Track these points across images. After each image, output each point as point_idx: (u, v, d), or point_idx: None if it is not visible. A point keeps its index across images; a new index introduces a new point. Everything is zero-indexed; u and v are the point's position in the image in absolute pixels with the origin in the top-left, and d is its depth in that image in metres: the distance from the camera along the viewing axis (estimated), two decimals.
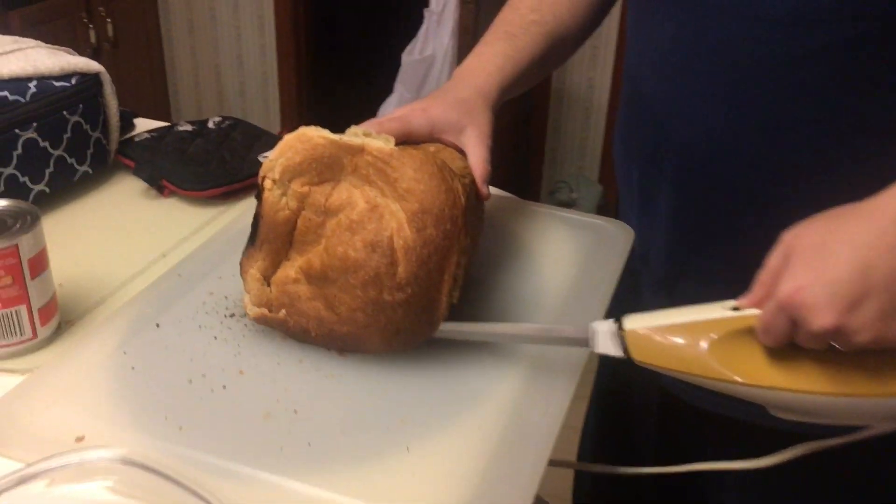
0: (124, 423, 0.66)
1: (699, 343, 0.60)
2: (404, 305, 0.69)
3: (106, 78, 1.00)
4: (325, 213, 0.71)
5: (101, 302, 0.82)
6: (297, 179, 0.71)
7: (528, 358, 0.75)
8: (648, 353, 0.63)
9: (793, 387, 0.59)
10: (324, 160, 0.71)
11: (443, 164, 0.71)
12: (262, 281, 0.74)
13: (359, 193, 0.70)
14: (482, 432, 0.67)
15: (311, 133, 0.72)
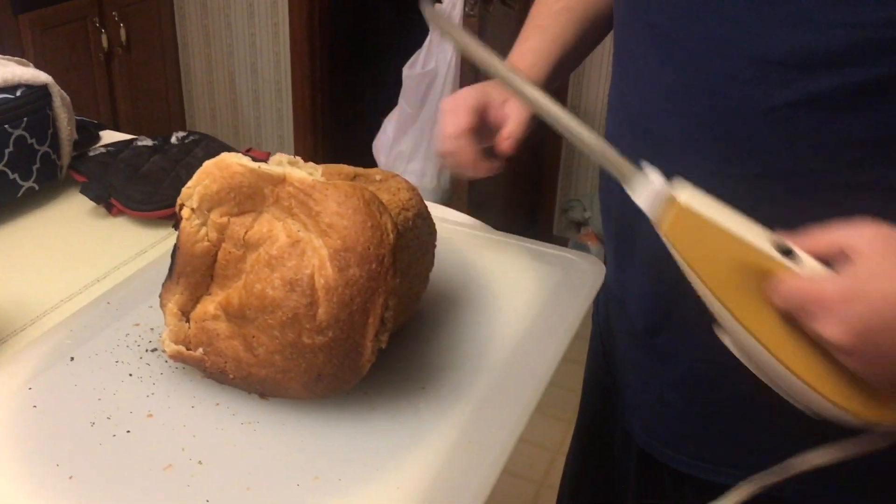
0: (12, 470, 0.61)
1: (728, 258, 0.58)
2: (325, 350, 0.63)
3: (55, 89, 0.96)
4: (246, 247, 0.66)
5: (21, 329, 0.78)
6: (216, 209, 0.66)
7: (465, 416, 0.69)
8: (679, 233, 0.60)
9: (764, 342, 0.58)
10: (243, 189, 0.65)
11: (371, 198, 0.65)
12: (179, 316, 0.69)
13: (280, 227, 0.65)
14: (402, 493, 0.61)
15: (231, 160, 0.66)
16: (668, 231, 0.60)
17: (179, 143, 1.07)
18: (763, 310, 0.57)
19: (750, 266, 0.57)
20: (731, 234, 0.58)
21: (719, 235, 0.58)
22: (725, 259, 0.58)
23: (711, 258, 0.59)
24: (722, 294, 0.59)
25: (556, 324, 0.81)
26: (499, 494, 0.64)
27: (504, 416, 0.69)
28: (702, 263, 0.59)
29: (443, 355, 0.75)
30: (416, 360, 0.75)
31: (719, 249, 0.58)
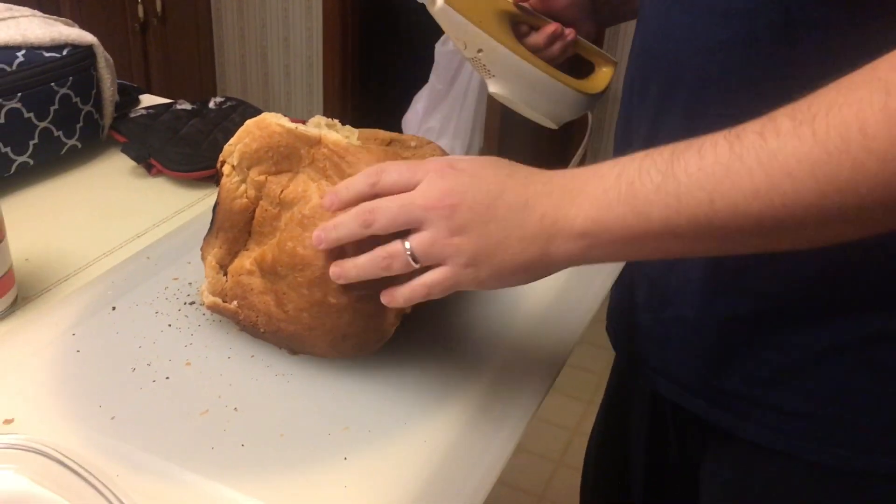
0: (57, 409, 0.64)
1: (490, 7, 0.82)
2: (349, 311, 0.65)
3: (100, 50, 0.98)
4: (281, 205, 0.68)
5: (65, 279, 0.80)
6: (255, 167, 0.68)
7: (492, 372, 0.71)
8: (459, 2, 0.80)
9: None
10: (280, 149, 0.67)
11: None
12: (217, 269, 0.71)
13: (315, 187, 0.66)
14: (428, 447, 0.63)
15: (270, 119, 0.68)
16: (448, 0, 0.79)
17: (217, 108, 1.10)
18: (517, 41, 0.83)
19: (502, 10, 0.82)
20: None
21: None
22: (487, 9, 0.81)
23: (480, 11, 0.80)
24: (499, 37, 0.81)
25: (579, 297, 0.82)
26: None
27: (527, 380, 0.71)
28: (478, 16, 0.80)
29: (469, 321, 0.77)
30: (445, 322, 0.76)
31: (482, 3, 0.80)
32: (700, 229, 0.51)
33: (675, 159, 0.51)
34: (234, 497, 0.57)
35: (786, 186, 0.47)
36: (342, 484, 0.59)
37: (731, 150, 0.49)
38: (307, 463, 0.61)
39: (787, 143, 0.47)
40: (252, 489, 0.58)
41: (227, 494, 0.57)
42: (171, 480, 0.58)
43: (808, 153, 0.46)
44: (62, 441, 0.59)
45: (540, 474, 1.97)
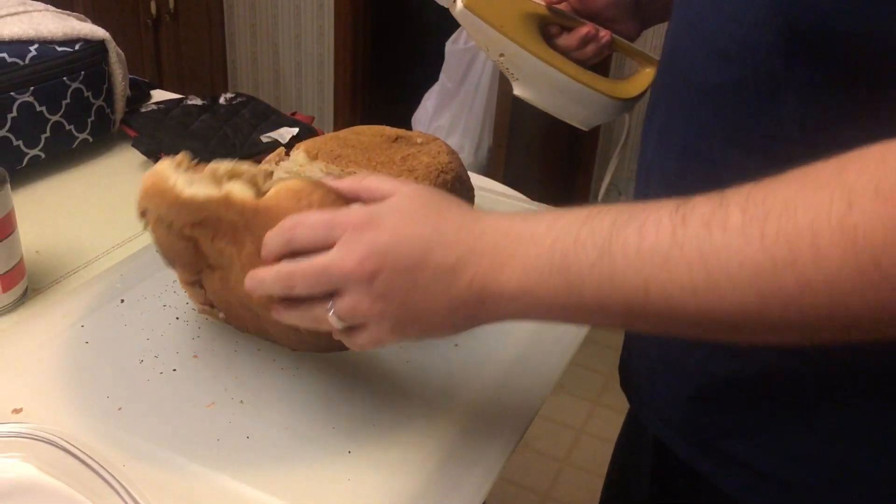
0: (65, 399, 0.64)
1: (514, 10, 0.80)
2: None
3: (112, 45, 0.99)
4: (218, 254, 0.63)
5: (74, 272, 0.81)
6: (174, 222, 0.62)
7: (497, 369, 0.71)
8: (480, 5, 0.79)
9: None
10: (189, 214, 0.61)
11: None
12: (192, 285, 0.69)
13: (234, 251, 0.61)
14: (432, 442, 0.63)
15: (169, 182, 0.60)
16: (468, 4, 0.78)
17: (227, 104, 1.10)
18: (545, 44, 0.82)
19: (527, 13, 0.80)
20: None
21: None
22: (511, 12, 0.80)
23: (503, 14, 0.79)
24: (521, 40, 0.80)
25: None
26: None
27: (532, 378, 0.71)
28: (500, 20, 0.79)
29: None
30: None
31: (505, 6, 0.79)
32: (634, 314, 0.47)
33: (615, 234, 0.47)
34: (238, 489, 0.58)
35: (725, 289, 0.43)
36: (346, 477, 0.60)
37: (673, 236, 0.45)
38: (311, 456, 0.61)
39: (732, 241, 0.43)
40: (256, 481, 0.58)
41: (232, 486, 0.58)
42: (177, 471, 0.59)
43: (753, 258, 0.42)
44: (69, 431, 0.60)
45: (545, 473, 1.97)
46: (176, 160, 0.61)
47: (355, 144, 0.77)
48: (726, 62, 0.56)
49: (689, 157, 0.62)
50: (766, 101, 0.54)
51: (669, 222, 0.45)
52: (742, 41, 0.54)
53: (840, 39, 0.48)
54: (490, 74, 2.15)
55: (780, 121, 0.54)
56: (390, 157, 0.74)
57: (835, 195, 0.40)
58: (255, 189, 0.57)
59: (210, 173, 0.58)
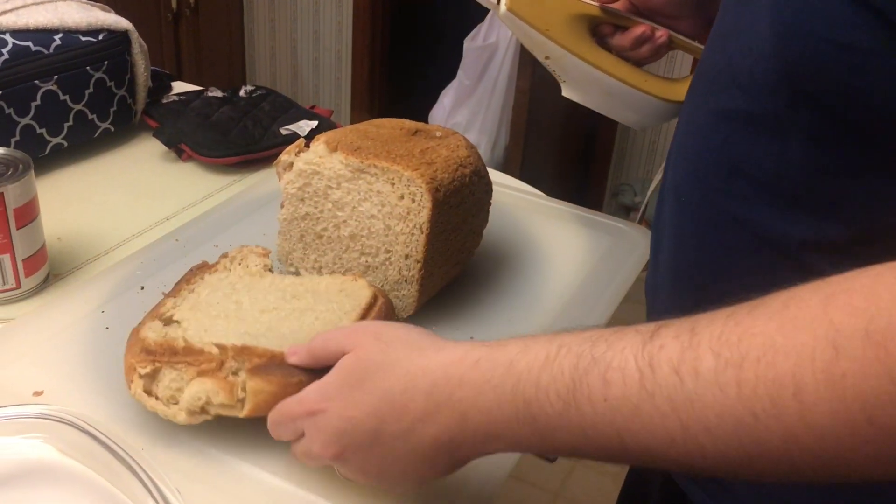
0: (85, 382, 0.65)
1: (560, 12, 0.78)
2: None
3: (135, 36, 1.00)
4: None
5: (95, 259, 0.82)
6: None
7: None
8: (520, 5, 0.77)
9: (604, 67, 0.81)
10: None
11: None
12: None
13: None
14: None
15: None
16: (511, 4, 0.77)
17: (247, 97, 1.11)
18: (594, 46, 0.80)
19: (574, 13, 0.77)
20: None
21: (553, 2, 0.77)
22: (559, 13, 0.77)
23: (550, 16, 0.77)
24: (567, 43, 0.78)
25: (603, 288, 0.83)
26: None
27: None
28: (544, 22, 0.77)
29: (491, 310, 0.78)
30: (466, 312, 0.77)
31: (553, 6, 0.77)
32: (615, 459, 0.44)
33: (578, 382, 0.43)
34: (258, 475, 0.58)
35: (705, 442, 0.39)
36: None
37: (641, 385, 0.40)
38: None
39: (706, 392, 0.38)
40: (276, 468, 0.59)
41: (252, 472, 0.59)
42: (197, 455, 0.59)
43: (732, 410, 0.38)
44: (90, 413, 0.60)
45: (557, 472, 1.97)
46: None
47: (375, 137, 0.77)
48: (739, 90, 0.55)
49: (697, 181, 0.61)
50: (773, 139, 0.53)
51: (636, 369, 0.41)
52: (750, 72, 0.53)
53: (837, 90, 0.46)
54: (507, 72, 2.15)
55: (786, 161, 0.52)
56: (409, 150, 0.74)
57: (819, 337, 0.36)
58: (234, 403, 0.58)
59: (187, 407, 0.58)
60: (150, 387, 0.59)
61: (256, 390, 0.57)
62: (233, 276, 0.70)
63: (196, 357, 0.58)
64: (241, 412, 0.58)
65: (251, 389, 0.58)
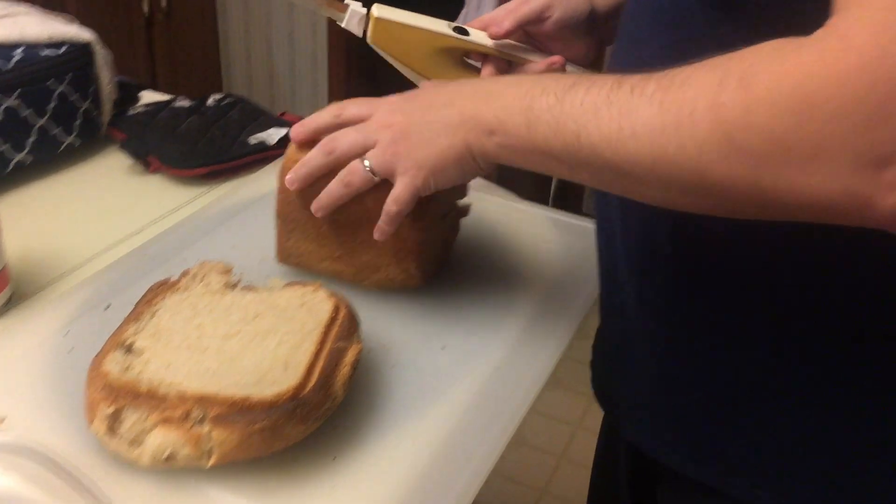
0: (49, 408, 0.64)
1: (424, 46, 0.80)
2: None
3: (98, 47, 0.98)
4: None
5: (60, 278, 0.81)
6: None
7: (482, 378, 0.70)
8: (382, 38, 0.80)
9: None
10: None
11: None
12: None
13: None
14: (421, 443, 0.63)
15: None
16: (373, 38, 0.80)
17: (216, 105, 1.10)
18: (462, 73, 0.81)
19: (439, 47, 0.80)
20: (419, 28, 0.79)
21: (410, 31, 0.79)
22: (421, 47, 0.80)
23: (411, 50, 0.80)
24: (429, 73, 0.81)
25: (576, 293, 0.82)
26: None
27: (519, 381, 0.71)
28: (406, 56, 0.81)
29: (463, 317, 0.77)
30: (438, 319, 0.76)
31: (414, 42, 0.80)
32: (571, 158, 0.55)
33: (572, 88, 0.55)
34: (221, 496, 0.58)
35: (629, 143, 0.50)
36: (330, 484, 0.59)
37: (608, 95, 0.52)
38: (295, 462, 0.61)
39: (643, 105, 0.50)
40: (240, 488, 0.58)
41: (215, 494, 0.58)
42: (160, 481, 0.58)
43: (651, 120, 0.49)
44: (53, 440, 0.59)
45: (542, 469, 1.97)
46: None
47: None
48: (663, 26, 0.61)
49: None
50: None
51: (611, 84, 0.52)
52: (674, 5, 0.60)
53: None
54: None
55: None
56: None
57: (714, 77, 0.46)
58: (201, 455, 0.57)
59: (151, 455, 0.57)
60: (113, 426, 0.58)
61: (221, 440, 0.57)
62: (193, 297, 0.69)
63: (160, 402, 0.57)
64: (207, 463, 0.57)
65: (216, 440, 0.57)
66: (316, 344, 0.64)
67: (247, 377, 0.60)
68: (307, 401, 0.59)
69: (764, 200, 0.46)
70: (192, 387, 0.59)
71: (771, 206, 0.46)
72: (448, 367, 0.71)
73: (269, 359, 0.62)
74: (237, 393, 0.58)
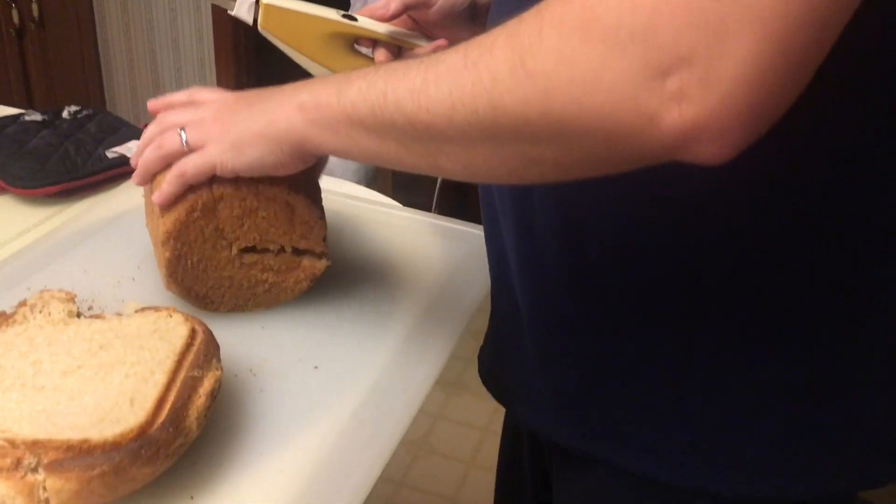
0: None
1: (314, 31, 0.81)
2: None
3: None
4: None
5: None
6: None
7: (358, 397, 0.66)
8: (273, 25, 0.81)
9: None
10: None
11: None
12: None
13: None
14: (283, 478, 0.58)
15: None
16: (264, 25, 0.81)
17: (71, 118, 1.02)
18: (351, 57, 0.83)
19: (329, 32, 0.81)
20: (308, 14, 0.81)
21: (300, 17, 0.81)
22: (311, 33, 0.81)
23: (301, 36, 0.81)
24: (322, 59, 0.82)
25: (459, 298, 0.79)
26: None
27: (399, 396, 0.67)
28: (297, 41, 0.82)
29: (339, 334, 0.73)
30: (311, 337, 0.72)
31: (304, 27, 0.81)
32: (378, 122, 0.54)
33: (394, 63, 0.56)
34: None
35: (431, 89, 0.50)
36: None
37: (422, 59, 0.52)
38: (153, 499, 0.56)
39: (449, 56, 0.50)
40: None
41: None
42: None
43: (454, 63, 0.49)
44: None
45: (451, 476, 1.94)
46: None
47: None
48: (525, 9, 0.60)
49: None
50: None
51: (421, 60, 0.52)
52: None
53: None
54: None
55: None
56: None
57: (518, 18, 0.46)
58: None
59: None
60: None
61: (58, 489, 0.51)
62: (32, 329, 0.62)
63: None
64: None
65: (52, 489, 0.51)
66: (167, 374, 0.58)
67: (87, 417, 0.55)
68: (155, 439, 0.54)
69: (557, 131, 0.45)
70: (24, 431, 0.53)
71: (565, 139, 0.46)
72: (321, 388, 0.67)
73: (114, 395, 0.57)
74: (74, 436, 0.53)
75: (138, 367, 0.59)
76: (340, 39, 0.83)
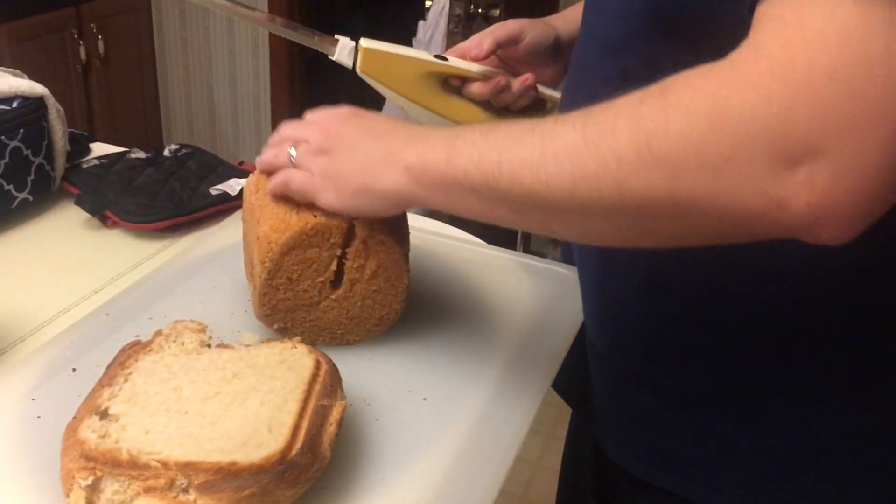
0: (17, 479, 0.61)
1: (410, 72, 0.87)
2: None
3: (51, 101, 0.96)
4: None
5: (21, 340, 0.78)
6: None
7: (466, 428, 0.70)
8: (371, 67, 0.87)
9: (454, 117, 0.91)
10: None
11: None
12: None
13: None
14: (409, 501, 0.62)
15: None
16: (363, 68, 0.88)
17: (172, 156, 1.08)
18: (442, 96, 0.89)
19: (423, 72, 0.87)
20: (404, 56, 0.87)
21: (396, 60, 0.87)
22: (406, 74, 0.87)
23: (397, 77, 0.87)
24: (416, 97, 0.89)
25: (550, 335, 0.82)
26: None
27: (503, 428, 0.70)
28: (393, 82, 0.88)
29: (441, 367, 0.76)
30: (417, 370, 0.75)
31: (400, 69, 0.87)
32: (491, 191, 0.56)
33: (498, 126, 0.57)
34: None
35: (550, 164, 0.51)
36: None
37: (532, 126, 0.54)
38: None
39: (565, 130, 0.51)
40: None
41: None
42: None
43: (573, 140, 0.51)
44: None
45: (520, 477, 2.03)
46: None
47: None
48: (612, 54, 0.64)
49: None
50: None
51: (535, 121, 0.55)
52: (625, 32, 0.63)
53: (695, 17, 0.56)
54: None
55: None
56: None
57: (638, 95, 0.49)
58: None
59: None
60: (92, 497, 0.55)
61: None
62: (168, 357, 0.66)
63: (142, 472, 0.55)
64: None
65: None
66: (300, 402, 0.62)
67: (230, 441, 0.58)
68: (296, 463, 0.58)
69: (681, 211, 0.47)
70: (175, 453, 0.57)
71: (688, 218, 0.47)
72: (432, 418, 0.70)
73: (253, 420, 0.60)
74: (222, 458, 0.56)
75: (272, 395, 0.63)
76: (433, 78, 0.89)
